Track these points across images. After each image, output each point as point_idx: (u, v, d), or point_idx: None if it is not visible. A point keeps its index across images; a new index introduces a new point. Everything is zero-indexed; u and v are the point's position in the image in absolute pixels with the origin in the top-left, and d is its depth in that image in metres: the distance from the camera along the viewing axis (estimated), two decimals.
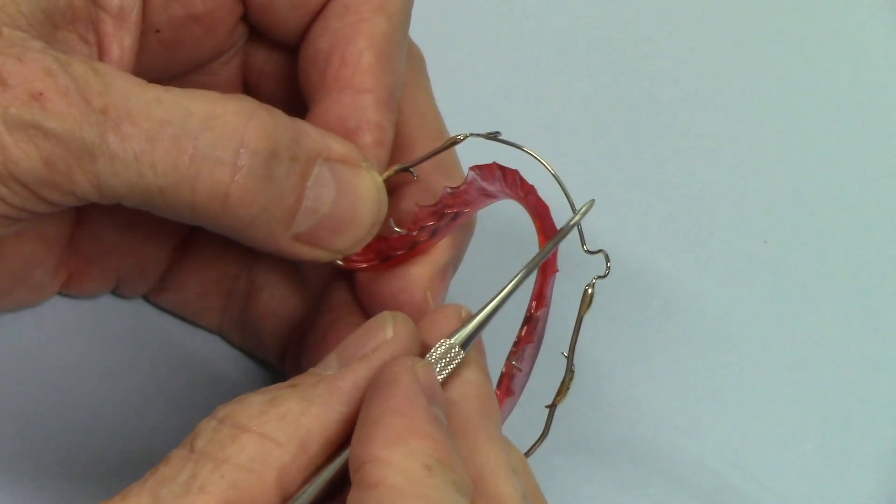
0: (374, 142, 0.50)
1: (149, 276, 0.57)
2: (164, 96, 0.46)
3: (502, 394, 0.50)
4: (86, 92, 0.45)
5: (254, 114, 0.46)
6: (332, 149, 0.48)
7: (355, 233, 0.49)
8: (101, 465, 0.55)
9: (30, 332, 0.57)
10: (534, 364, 0.51)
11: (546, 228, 0.49)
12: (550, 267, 0.49)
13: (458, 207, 0.49)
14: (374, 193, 0.49)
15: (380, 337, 0.46)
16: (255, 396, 0.44)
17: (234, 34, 0.54)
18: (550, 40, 0.70)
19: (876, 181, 0.68)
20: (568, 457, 0.58)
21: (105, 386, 0.57)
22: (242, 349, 0.58)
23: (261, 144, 0.46)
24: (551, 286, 0.49)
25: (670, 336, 0.62)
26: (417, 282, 0.50)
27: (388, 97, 0.50)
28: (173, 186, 0.45)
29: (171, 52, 0.52)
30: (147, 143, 0.45)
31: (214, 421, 0.44)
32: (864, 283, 0.65)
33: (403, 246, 0.50)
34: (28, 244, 0.54)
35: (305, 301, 0.56)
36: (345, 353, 0.46)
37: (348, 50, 0.50)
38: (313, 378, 0.45)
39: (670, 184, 0.66)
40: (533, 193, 0.48)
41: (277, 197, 0.47)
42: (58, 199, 0.46)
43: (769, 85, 0.70)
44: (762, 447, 0.60)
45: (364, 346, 0.46)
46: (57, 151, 0.44)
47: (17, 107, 0.44)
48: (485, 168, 0.48)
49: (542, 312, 0.50)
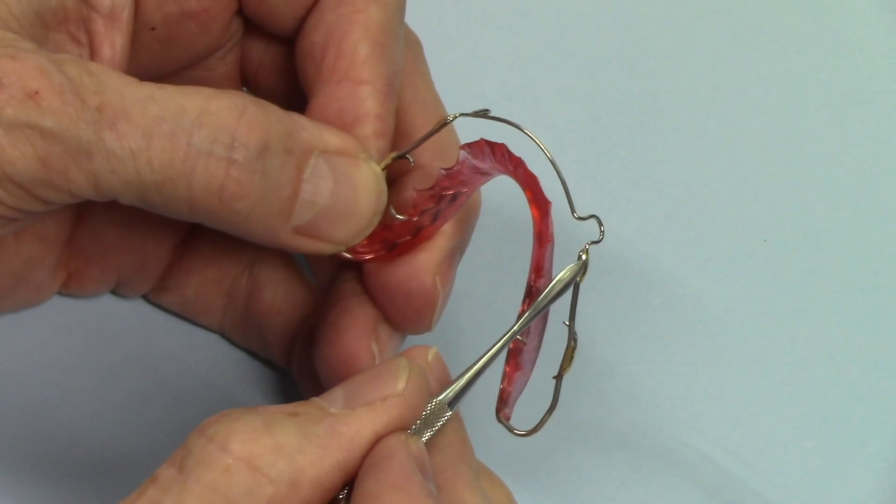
0: (373, 132, 0.50)
1: (149, 276, 0.57)
2: (158, 93, 0.46)
3: (511, 369, 0.50)
4: (80, 90, 0.45)
5: (246, 109, 0.46)
6: (329, 141, 0.48)
7: (356, 223, 0.49)
8: (101, 465, 0.55)
9: (30, 332, 0.58)
10: (543, 336, 0.50)
11: (536, 198, 0.48)
12: (545, 236, 0.49)
13: (456, 188, 0.49)
14: (373, 183, 0.49)
15: (391, 387, 0.45)
16: (249, 417, 0.44)
17: (230, 29, 0.54)
18: (550, 39, 0.70)
19: (875, 180, 0.68)
20: (569, 455, 0.58)
21: (105, 386, 0.57)
22: (244, 349, 0.58)
23: (253, 138, 0.46)
24: (549, 256, 0.49)
25: (670, 334, 0.62)
26: (425, 268, 0.50)
27: (386, 87, 0.50)
28: (170, 182, 0.46)
29: (167, 49, 0.52)
30: (143, 140, 0.45)
31: (204, 438, 0.43)
32: (863, 282, 0.65)
33: (408, 232, 0.50)
34: (27, 244, 0.54)
35: (309, 298, 0.56)
36: (353, 393, 0.45)
37: (344, 41, 0.50)
38: (315, 410, 0.45)
39: (670, 182, 0.66)
40: (521, 166, 0.48)
41: (273, 189, 0.47)
42: (54, 198, 0.46)
43: (769, 84, 0.70)
44: (762, 445, 0.60)
45: (374, 392, 0.45)
46: (53, 150, 0.44)
47: (13, 106, 0.44)
48: (474, 145, 0.48)
49: (542, 283, 0.49)
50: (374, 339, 0.51)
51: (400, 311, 0.51)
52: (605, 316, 0.62)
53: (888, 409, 0.61)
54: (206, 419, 0.44)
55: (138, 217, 0.56)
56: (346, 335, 0.51)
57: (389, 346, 0.51)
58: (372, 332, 0.51)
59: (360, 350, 0.51)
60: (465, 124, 0.50)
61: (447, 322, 0.61)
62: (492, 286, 0.62)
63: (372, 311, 0.51)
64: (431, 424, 0.46)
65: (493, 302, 0.61)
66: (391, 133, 0.50)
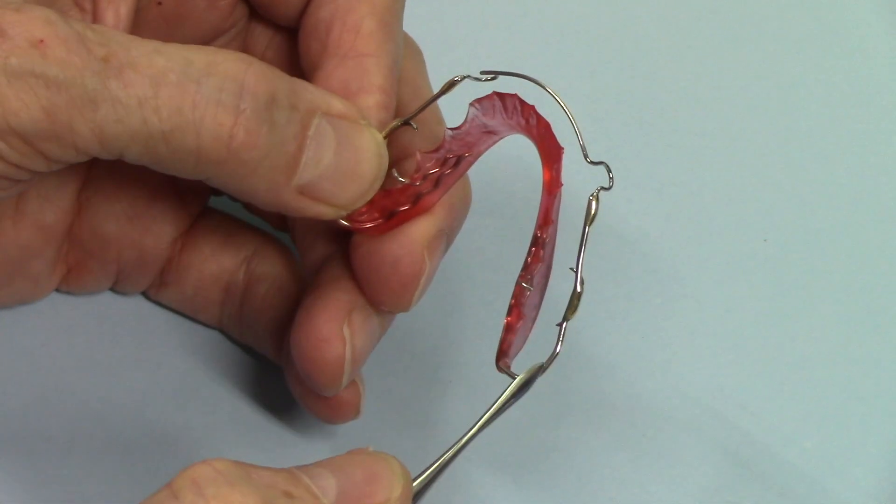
0: (376, 104, 0.50)
1: (148, 271, 0.57)
2: (164, 48, 0.46)
3: (513, 320, 0.50)
4: (86, 41, 0.45)
5: (252, 62, 0.47)
6: (332, 104, 0.48)
7: (358, 186, 0.49)
8: (102, 465, 0.55)
9: (30, 331, 0.58)
10: (546, 285, 0.50)
11: (549, 145, 0.48)
12: (555, 184, 0.49)
13: (461, 151, 0.49)
14: (375, 147, 0.49)
15: (387, 493, 0.45)
16: (246, 488, 0.42)
17: (236, 12, 0.54)
18: (550, 39, 0.70)
19: (875, 180, 0.68)
20: (567, 455, 0.58)
21: (105, 384, 0.57)
22: (244, 347, 0.58)
23: (261, 88, 0.46)
24: (557, 204, 0.49)
25: (670, 334, 0.62)
26: (416, 238, 0.50)
27: (390, 62, 0.50)
28: (178, 131, 0.45)
29: (172, 26, 0.52)
30: (151, 89, 0.45)
31: (201, 500, 0.42)
32: (864, 281, 0.65)
33: (408, 200, 0.50)
34: (25, 233, 0.54)
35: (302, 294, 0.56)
36: (347, 493, 0.45)
37: (349, 16, 0.51)
38: (310, 499, 0.44)
39: (670, 182, 0.66)
40: (533, 114, 0.48)
41: (279, 143, 0.47)
42: (58, 153, 0.45)
43: (769, 84, 0.70)
44: (762, 445, 0.60)
45: (368, 497, 0.45)
46: (58, 100, 0.44)
47: (18, 55, 0.44)
48: (484, 100, 0.48)
49: (548, 232, 0.49)
50: (346, 323, 0.51)
51: (384, 281, 0.50)
52: (604, 315, 0.62)
53: (888, 409, 0.61)
54: (195, 464, 0.43)
55: (138, 210, 0.56)
56: (319, 318, 0.51)
57: (363, 333, 0.51)
58: (345, 317, 0.51)
59: (331, 333, 0.51)
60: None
61: (447, 322, 0.61)
62: (492, 286, 0.62)
63: (347, 297, 0.51)
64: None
65: (494, 301, 0.61)
66: (394, 108, 0.51)
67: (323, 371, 0.51)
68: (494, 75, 0.49)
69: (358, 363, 0.52)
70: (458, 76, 0.49)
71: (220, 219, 0.58)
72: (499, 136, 0.50)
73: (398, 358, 0.59)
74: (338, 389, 0.52)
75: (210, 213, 0.58)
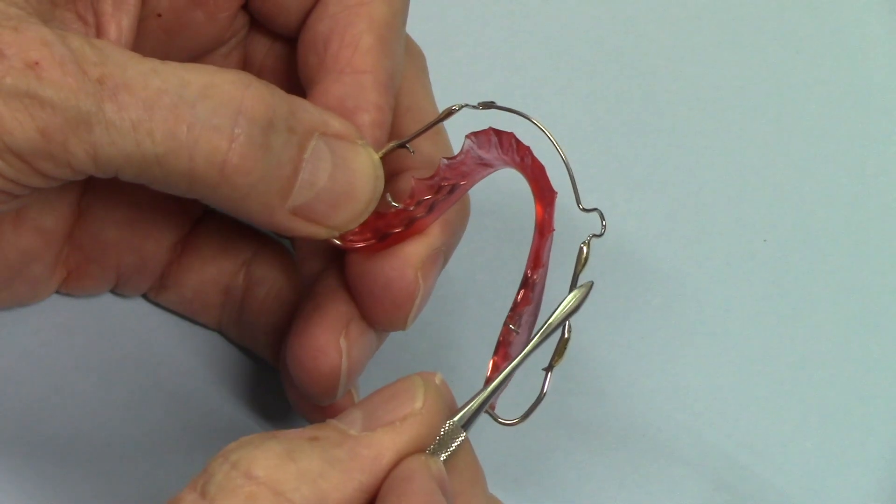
0: (371, 122, 0.50)
1: (148, 274, 0.57)
2: (161, 67, 0.46)
3: (500, 360, 0.50)
4: (82, 62, 0.45)
5: (251, 84, 0.46)
6: (330, 124, 0.48)
7: (352, 208, 0.49)
8: (102, 465, 0.55)
9: (30, 332, 0.57)
10: (534, 325, 0.50)
11: (543, 188, 0.48)
12: (547, 227, 0.49)
13: (455, 179, 0.49)
14: (371, 169, 0.49)
15: (408, 406, 0.45)
16: (270, 443, 0.43)
17: (236, 22, 0.54)
18: (550, 39, 0.70)
19: (875, 180, 0.68)
20: (567, 454, 0.58)
21: (105, 385, 0.57)
22: (243, 348, 0.58)
23: (258, 113, 0.46)
24: (548, 248, 0.49)
25: (670, 334, 0.62)
26: (409, 260, 0.50)
27: (387, 79, 0.50)
28: (171, 155, 0.45)
29: (172, 37, 0.52)
30: (145, 112, 0.45)
31: (227, 465, 0.43)
32: (863, 282, 0.65)
33: (401, 223, 0.50)
34: (25, 237, 0.54)
35: (299, 299, 0.56)
36: (371, 414, 0.45)
37: (348, 32, 0.50)
38: (335, 434, 0.44)
39: (670, 182, 0.66)
40: (528, 155, 0.48)
41: (274, 167, 0.47)
42: (54, 171, 0.45)
43: (769, 84, 0.70)
44: (762, 445, 0.60)
45: (393, 411, 0.45)
46: (53, 121, 0.44)
47: (13, 76, 0.44)
48: (481, 134, 0.48)
49: (539, 274, 0.49)
50: (343, 335, 0.51)
51: (377, 302, 0.50)
52: (604, 316, 0.62)
53: (888, 409, 0.61)
54: (227, 445, 0.44)
55: (138, 215, 0.56)
56: (316, 328, 0.51)
57: (359, 345, 0.51)
58: (342, 328, 0.51)
59: (327, 344, 0.51)
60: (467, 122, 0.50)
61: (447, 323, 0.61)
62: (492, 286, 0.62)
63: (345, 309, 0.51)
64: (446, 446, 0.46)
65: (494, 302, 0.61)
66: (389, 125, 0.51)
67: (319, 381, 0.51)
68: (491, 104, 0.49)
69: (354, 374, 0.52)
70: (457, 105, 0.49)
71: (219, 222, 0.58)
72: (493, 168, 0.50)
73: (398, 358, 0.59)
74: (333, 399, 0.52)
75: (210, 217, 0.58)
